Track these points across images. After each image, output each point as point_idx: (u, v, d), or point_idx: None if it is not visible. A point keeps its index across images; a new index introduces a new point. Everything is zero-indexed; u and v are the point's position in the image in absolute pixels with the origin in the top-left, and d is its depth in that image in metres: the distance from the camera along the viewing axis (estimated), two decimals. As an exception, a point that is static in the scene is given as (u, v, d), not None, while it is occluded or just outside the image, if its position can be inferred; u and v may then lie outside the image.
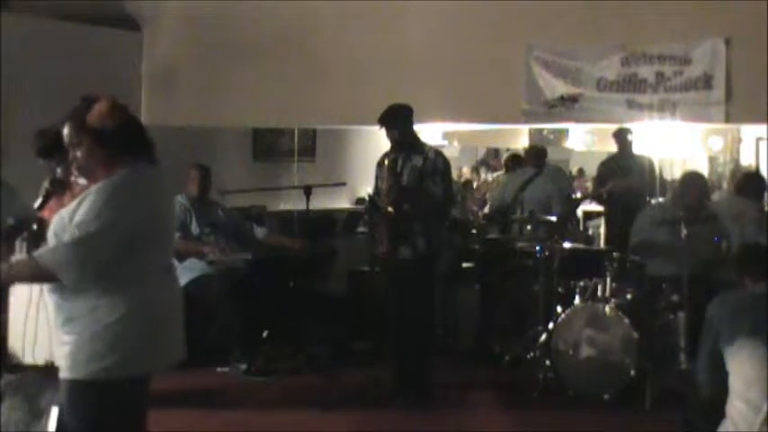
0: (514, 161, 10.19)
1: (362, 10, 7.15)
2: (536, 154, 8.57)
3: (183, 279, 6.36)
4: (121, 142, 2.94)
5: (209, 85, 7.58)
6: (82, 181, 3.00)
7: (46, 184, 3.07)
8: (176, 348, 3.12)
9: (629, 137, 8.24)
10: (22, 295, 4.39)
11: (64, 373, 2.92)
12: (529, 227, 7.46)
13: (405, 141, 5.69)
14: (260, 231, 6.88)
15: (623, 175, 8.11)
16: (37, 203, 3.16)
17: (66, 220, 2.90)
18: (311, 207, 6.34)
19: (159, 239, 3.02)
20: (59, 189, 3.06)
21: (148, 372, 3.04)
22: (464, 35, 6.99)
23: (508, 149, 10.93)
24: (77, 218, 2.85)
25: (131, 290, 2.90)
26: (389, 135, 5.68)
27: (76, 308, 2.88)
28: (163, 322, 3.02)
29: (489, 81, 6.90)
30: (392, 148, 5.72)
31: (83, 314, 2.88)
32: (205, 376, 6.19)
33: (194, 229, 6.54)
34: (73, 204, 2.91)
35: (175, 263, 6.29)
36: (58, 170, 3.09)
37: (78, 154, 2.94)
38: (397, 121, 5.64)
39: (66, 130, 2.96)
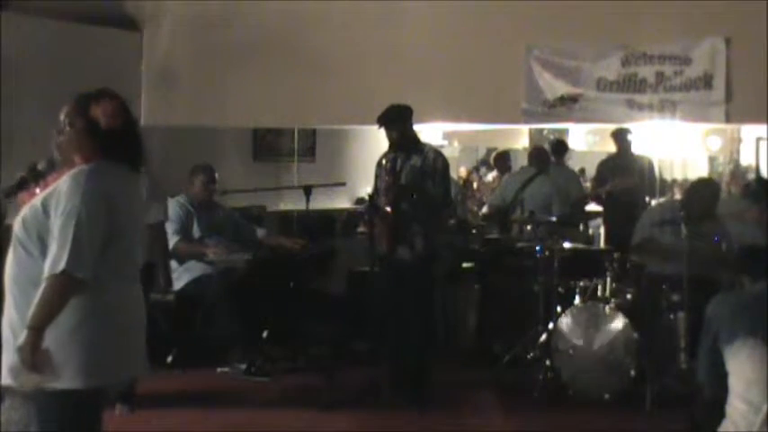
0: (503, 159, 10.22)
1: (362, 10, 7.15)
2: (538, 154, 8.58)
3: (184, 279, 6.38)
4: (109, 142, 2.94)
5: (209, 85, 7.57)
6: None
7: (24, 172, 3.05)
8: (138, 362, 3.08)
9: (629, 137, 8.23)
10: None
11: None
12: (529, 227, 7.46)
13: (404, 141, 5.69)
14: (259, 232, 6.89)
15: (622, 176, 8.11)
16: (6, 190, 3.13)
17: (39, 207, 2.87)
18: (311, 207, 6.33)
19: (124, 243, 2.96)
20: (34, 180, 3.04)
21: (106, 385, 2.98)
22: (464, 35, 6.99)
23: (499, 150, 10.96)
24: (60, 207, 2.82)
25: (93, 292, 2.85)
26: (389, 135, 5.68)
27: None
28: (124, 332, 2.96)
29: (489, 81, 6.90)
30: (391, 147, 5.72)
31: None
32: (205, 376, 6.20)
33: (195, 231, 6.52)
34: (47, 191, 2.90)
35: (175, 264, 6.35)
36: (40, 163, 3.06)
37: (67, 131, 2.96)
38: (397, 121, 5.64)
39: (67, 107, 2.99)
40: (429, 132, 9.35)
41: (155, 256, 5.93)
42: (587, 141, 13.17)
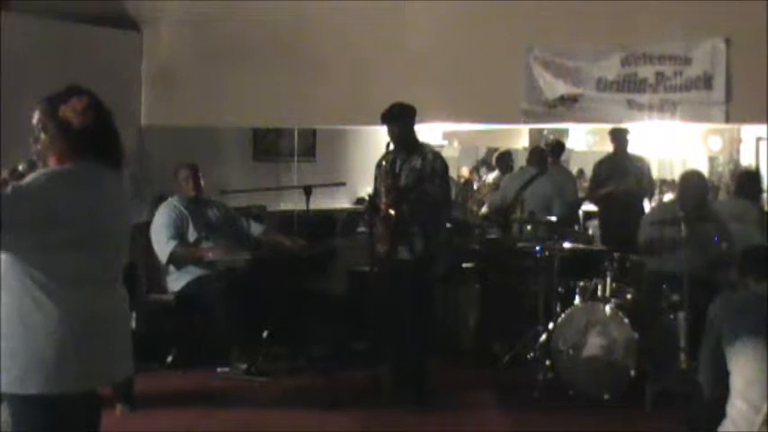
0: (505, 159, 10.23)
1: (363, 10, 7.15)
2: (538, 155, 8.60)
3: (183, 280, 6.38)
4: (84, 141, 2.89)
5: (209, 85, 7.57)
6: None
7: (5, 174, 3.05)
8: (119, 366, 3.00)
9: (627, 136, 8.23)
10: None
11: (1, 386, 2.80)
12: (529, 227, 7.46)
13: (406, 140, 5.70)
14: (256, 228, 6.85)
15: (621, 177, 8.10)
16: None
17: None
18: (311, 207, 6.33)
19: (102, 244, 2.88)
20: (17, 181, 3.02)
21: (85, 388, 2.89)
22: (464, 35, 6.99)
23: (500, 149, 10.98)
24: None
25: (70, 294, 2.79)
26: (391, 132, 5.68)
27: (12, 307, 2.77)
28: (104, 335, 2.89)
29: (489, 81, 6.90)
30: (392, 146, 5.72)
31: (18, 317, 2.77)
32: (205, 376, 6.19)
33: (191, 233, 6.47)
34: None
35: (173, 268, 6.35)
36: (21, 164, 3.05)
37: (42, 136, 2.91)
38: (401, 118, 5.66)
39: (37, 110, 2.93)
40: (429, 132, 9.35)
41: (135, 258, 5.87)
42: (587, 141, 13.19)
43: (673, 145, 12.36)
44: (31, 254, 2.77)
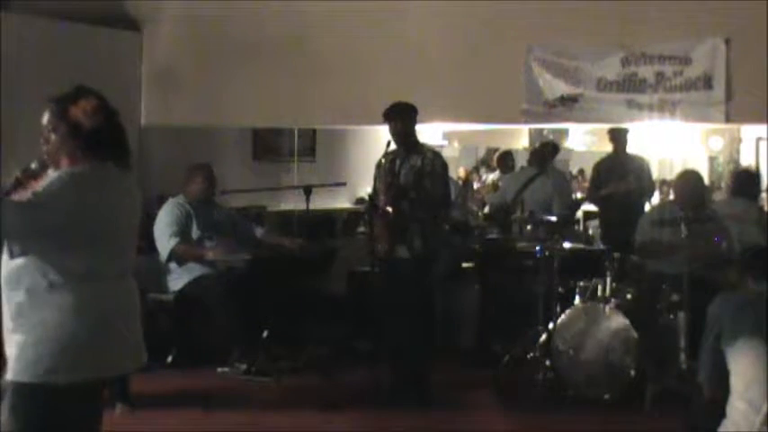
0: (506, 159, 10.25)
1: (363, 10, 7.15)
2: (539, 155, 8.61)
3: (183, 279, 6.38)
4: (95, 142, 2.93)
5: (209, 85, 7.57)
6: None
7: (17, 173, 3.06)
8: (130, 357, 3.05)
9: (627, 136, 8.23)
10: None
11: (9, 375, 2.83)
12: (529, 227, 7.46)
13: (406, 139, 5.71)
14: (258, 231, 6.87)
15: (621, 177, 8.10)
16: (3, 190, 3.13)
17: None
18: (311, 207, 6.33)
19: (114, 241, 2.96)
20: (29, 179, 3.04)
21: (97, 378, 2.95)
22: (464, 35, 7.00)
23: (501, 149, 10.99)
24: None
25: (82, 289, 2.85)
26: (392, 129, 5.69)
27: (26, 302, 2.82)
28: (115, 327, 2.94)
29: (489, 81, 6.90)
30: (393, 143, 5.72)
31: (32, 311, 2.82)
32: (205, 376, 6.19)
33: (195, 232, 6.48)
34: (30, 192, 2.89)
35: (174, 266, 6.35)
36: (33, 163, 3.07)
37: (52, 137, 2.95)
38: (402, 115, 5.67)
39: (47, 112, 2.97)
40: (429, 132, 9.35)
41: None
42: (587, 141, 13.21)
43: (673, 145, 12.38)
44: (46, 253, 2.83)
